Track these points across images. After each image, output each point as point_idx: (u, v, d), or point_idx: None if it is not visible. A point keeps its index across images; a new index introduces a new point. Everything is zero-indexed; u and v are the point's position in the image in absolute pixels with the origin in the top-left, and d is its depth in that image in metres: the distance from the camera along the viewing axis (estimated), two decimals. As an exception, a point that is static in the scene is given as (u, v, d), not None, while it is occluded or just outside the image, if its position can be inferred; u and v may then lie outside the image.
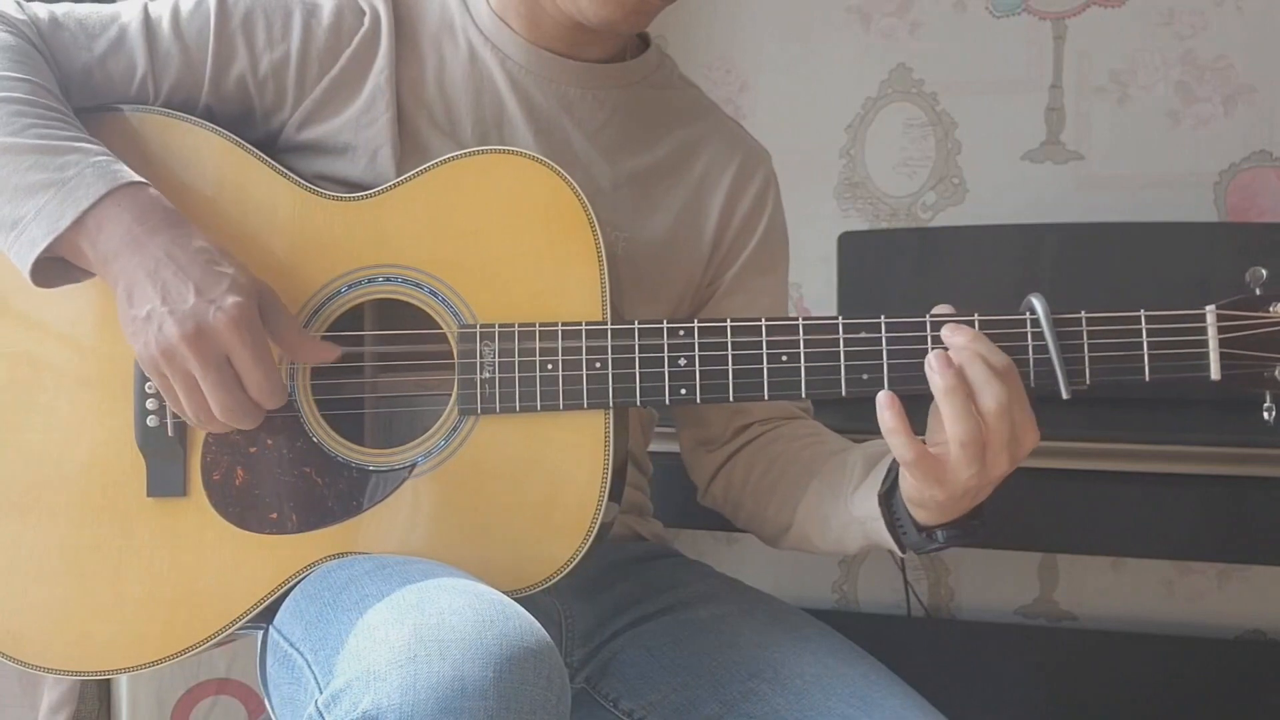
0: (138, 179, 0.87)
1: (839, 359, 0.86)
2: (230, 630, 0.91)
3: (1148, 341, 0.84)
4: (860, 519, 0.92)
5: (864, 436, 0.96)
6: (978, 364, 0.80)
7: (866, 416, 0.96)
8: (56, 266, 0.87)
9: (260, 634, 0.96)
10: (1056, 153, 1.89)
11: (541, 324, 0.89)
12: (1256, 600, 1.81)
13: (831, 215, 2.00)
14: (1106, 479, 1.32)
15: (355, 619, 0.76)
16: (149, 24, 0.96)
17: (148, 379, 0.90)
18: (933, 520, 0.87)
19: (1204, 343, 0.83)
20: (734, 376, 0.88)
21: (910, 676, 0.92)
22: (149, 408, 0.92)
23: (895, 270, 1.78)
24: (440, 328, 0.91)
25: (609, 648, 1.00)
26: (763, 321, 0.88)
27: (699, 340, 0.88)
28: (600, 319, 0.90)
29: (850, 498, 0.93)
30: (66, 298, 0.92)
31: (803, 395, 0.87)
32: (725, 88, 2.05)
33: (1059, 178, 1.89)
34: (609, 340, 0.88)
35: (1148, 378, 0.84)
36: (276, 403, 0.85)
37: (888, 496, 0.90)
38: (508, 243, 0.91)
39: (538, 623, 0.75)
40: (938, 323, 0.84)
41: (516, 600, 0.78)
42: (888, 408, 0.81)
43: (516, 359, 0.89)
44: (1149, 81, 1.84)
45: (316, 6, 0.99)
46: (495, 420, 0.90)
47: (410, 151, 0.98)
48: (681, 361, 0.88)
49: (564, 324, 0.89)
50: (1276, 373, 0.83)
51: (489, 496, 0.90)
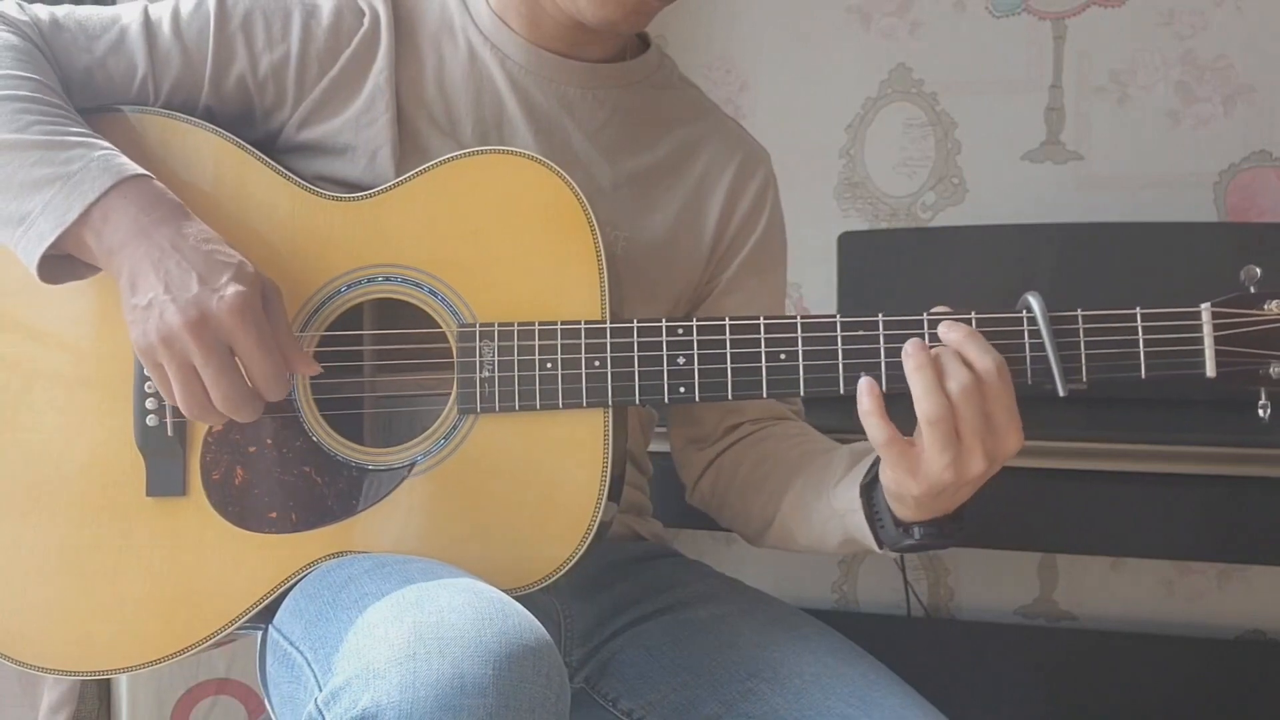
0: (142, 172, 0.87)
1: (837, 357, 0.86)
2: (230, 630, 0.91)
3: (1143, 339, 0.84)
4: (840, 511, 0.92)
5: (859, 437, 0.96)
6: (951, 352, 0.82)
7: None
8: (62, 262, 0.87)
9: (260, 633, 0.96)
10: (1056, 153, 1.89)
11: (541, 323, 0.89)
12: (1256, 600, 1.81)
13: (831, 215, 2.00)
14: (1106, 479, 1.32)
15: (354, 617, 0.76)
16: (149, 25, 0.96)
17: (148, 378, 0.90)
18: (912, 518, 0.87)
19: (1199, 340, 0.84)
20: (732, 375, 0.88)
21: (910, 676, 0.92)
22: (148, 407, 0.92)
23: (895, 270, 1.78)
24: (440, 327, 0.92)
25: (608, 647, 1.00)
26: (761, 320, 0.88)
27: (698, 339, 0.88)
28: (599, 318, 0.90)
29: (833, 490, 0.94)
30: (66, 298, 0.92)
31: (801, 393, 0.87)
32: (725, 88, 2.05)
33: (1059, 178, 1.89)
34: (608, 339, 0.89)
35: (1144, 375, 0.84)
36: (279, 394, 0.85)
37: (869, 489, 0.90)
38: (507, 242, 0.91)
39: (537, 621, 0.75)
40: (935, 321, 0.85)
41: (515, 599, 0.78)
42: (866, 393, 0.83)
43: (516, 358, 0.89)
44: (1149, 81, 1.84)
45: (316, 7, 0.99)
46: (494, 419, 0.90)
47: (410, 152, 0.98)
48: (680, 360, 0.88)
49: (563, 323, 0.89)
50: (1271, 370, 0.84)
51: (488, 495, 0.90)
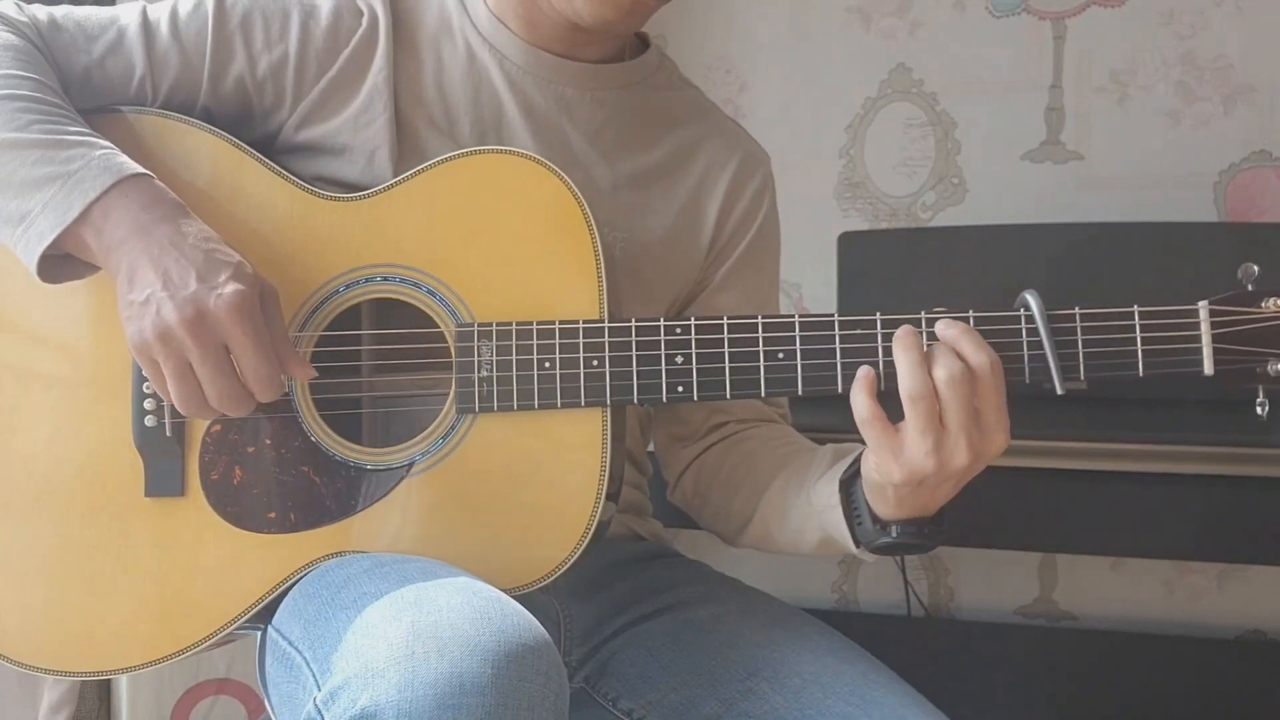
0: (142, 170, 0.87)
1: (835, 356, 0.86)
2: (229, 630, 0.91)
3: (1141, 337, 0.84)
4: (818, 508, 0.92)
5: (857, 437, 0.96)
6: (945, 346, 0.82)
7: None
8: (62, 261, 0.87)
9: (259, 633, 0.96)
10: (1056, 153, 1.89)
11: (539, 323, 0.89)
12: (1256, 600, 1.81)
13: (831, 215, 2.00)
14: (1106, 479, 1.32)
15: (353, 617, 0.76)
16: (147, 26, 0.96)
17: (146, 379, 0.90)
18: (891, 515, 0.87)
19: (1197, 338, 0.84)
20: (731, 374, 0.88)
21: (910, 676, 0.92)
22: (147, 408, 0.92)
23: (895, 270, 1.78)
24: (438, 327, 0.92)
25: (608, 647, 1.00)
26: (759, 319, 0.88)
27: (696, 338, 0.88)
28: (598, 318, 0.90)
29: (813, 487, 0.93)
30: (65, 299, 0.92)
31: (799, 392, 0.87)
32: (725, 88, 2.05)
33: (1059, 178, 1.89)
34: (606, 339, 0.89)
35: (1141, 373, 0.84)
36: (273, 394, 0.85)
37: (848, 484, 0.90)
38: (505, 242, 0.91)
39: (536, 620, 0.75)
40: (933, 320, 0.85)
41: (514, 598, 0.78)
42: (861, 376, 0.84)
43: (514, 358, 0.89)
44: (1149, 81, 1.84)
45: (314, 7, 0.99)
46: (493, 419, 0.90)
47: (408, 152, 0.98)
48: (678, 359, 0.88)
49: (561, 323, 0.89)
50: (1269, 368, 0.84)
51: (486, 495, 0.90)
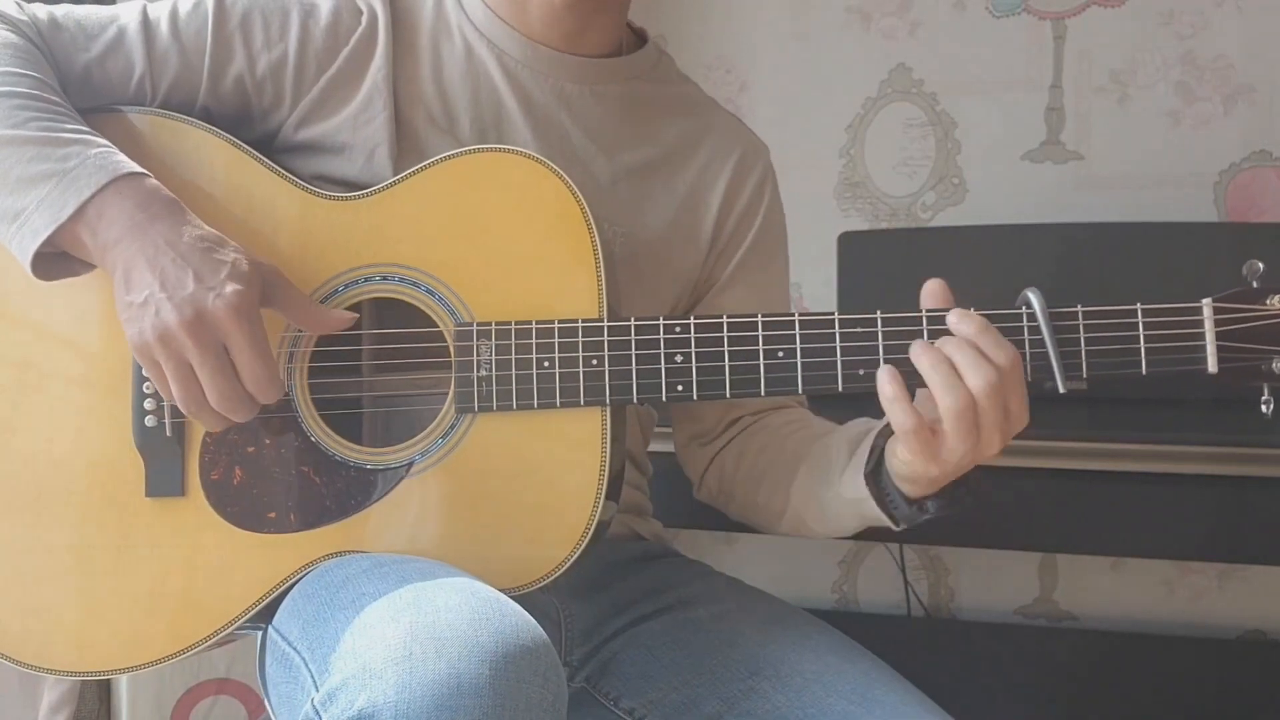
0: (138, 169, 0.87)
1: (835, 354, 0.86)
2: (229, 630, 0.91)
3: (1144, 335, 0.84)
4: (852, 500, 0.92)
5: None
6: (966, 349, 0.82)
7: (864, 413, 0.96)
8: (57, 259, 0.87)
9: (260, 634, 0.96)
10: (1056, 153, 1.89)
11: (538, 322, 0.89)
12: (1256, 600, 1.81)
13: (831, 215, 2.00)
14: (1106, 479, 1.32)
15: (351, 617, 0.76)
16: (147, 25, 0.96)
17: (146, 379, 0.90)
18: (920, 493, 0.88)
19: (1200, 336, 0.83)
20: (730, 373, 0.88)
21: (910, 676, 0.92)
22: (147, 408, 0.92)
23: (895, 270, 1.78)
24: (437, 326, 0.91)
25: (609, 647, 1.00)
26: (759, 317, 0.88)
27: (695, 336, 0.88)
28: (597, 316, 0.90)
29: (839, 482, 0.94)
30: (64, 298, 0.92)
31: (799, 391, 0.87)
32: (725, 88, 2.05)
33: (1059, 178, 1.89)
34: (605, 337, 0.89)
35: (1145, 371, 0.84)
36: (272, 396, 0.85)
37: (874, 475, 0.90)
38: (504, 241, 0.91)
39: (534, 621, 0.75)
40: (933, 318, 0.85)
41: (514, 598, 0.78)
42: (889, 380, 0.83)
43: (514, 357, 0.89)
44: (1149, 81, 1.84)
45: (314, 6, 0.99)
46: (493, 419, 0.90)
47: (408, 150, 0.98)
48: (678, 358, 0.88)
49: (560, 322, 0.89)
50: (1274, 365, 0.83)
51: (486, 495, 0.90)
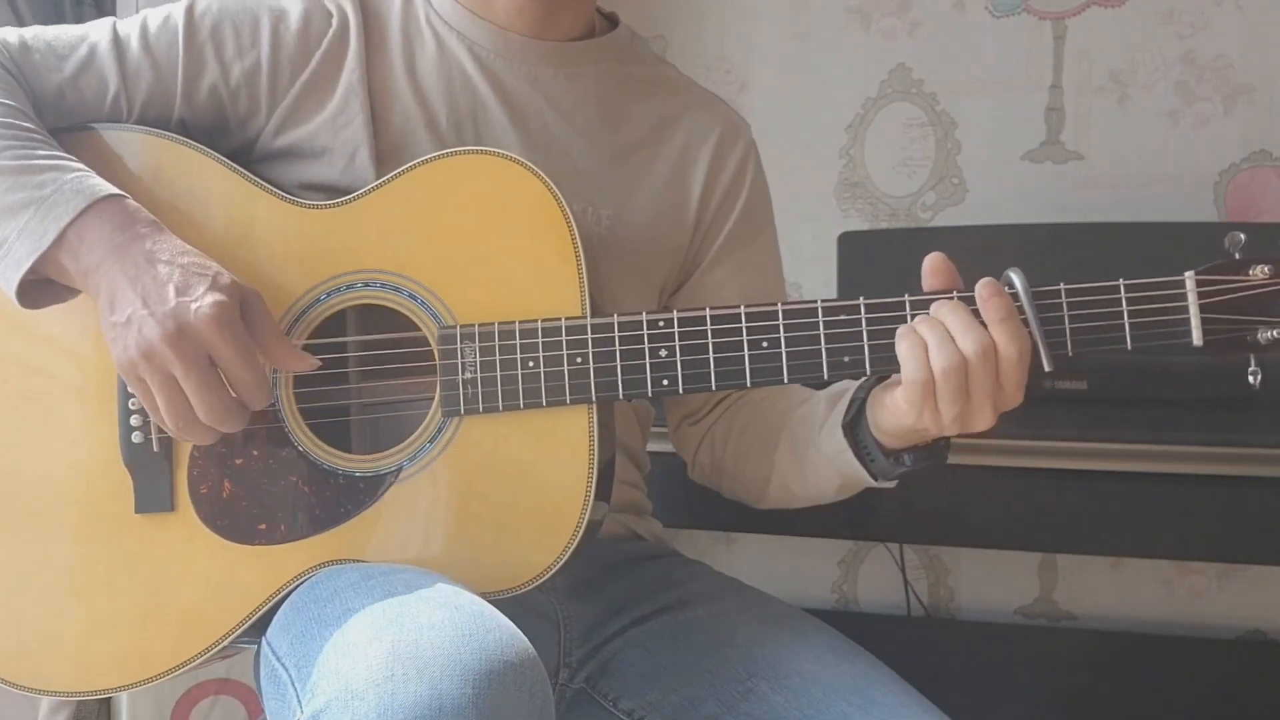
0: (115, 191, 0.87)
1: (820, 343, 0.86)
2: (225, 642, 0.91)
3: (1128, 310, 0.83)
4: (830, 455, 0.93)
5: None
6: (962, 311, 0.82)
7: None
8: (42, 286, 0.87)
9: (257, 646, 0.96)
10: (1056, 153, 1.89)
11: (521, 322, 0.89)
12: (1256, 600, 1.81)
13: (831, 215, 2.00)
14: (1106, 479, 1.32)
15: (335, 635, 0.75)
16: (118, 42, 0.96)
17: (131, 395, 0.90)
18: (900, 446, 0.89)
19: (1184, 309, 0.83)
20: (715, 365, 0.87)
21: (910, 676, 0.92)
22: (133, 424, 0.92)
23: (895, 270, 1.78)
24: (420, 331, 0.91)
25: (608, 648, 1.00)
26: (742, 309, 0.87)
27: (679, 330, 0.88)
28: (580, 314, 0.89)
29: (818, 437, 0.94)
30: (48, 319, 0.92)
31: (785, 380, 0.87)
32: (725, 88, 2.05)
33: (1059, 178, 1.89)
34: (589, 335, 0.88)
35: (1130, 346, 0.83)
36: (262, 401, 0.85)
37: (852, 426, 0.91)
38: (484, 242, 0.91)
39: (520, 634, 0.75)
40: (916, 302, 0.85)
41: (508, 600, 0.77)
42: (906, 334, 0.83)
43: (498, 358, 0.89)
44: (1149, 81, 1.84)
45: (284, 12, 0.99)
46: (479, 421, 0.90)
47: (388, 150, 0.98)
48: (662, 353, 0.88)
49: (543, 321, 0.89)
50: (1260, 336, 0.83)
51: (475, 498, 0.90)
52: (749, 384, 0.88)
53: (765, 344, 0.87)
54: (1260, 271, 0.83)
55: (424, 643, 0.70)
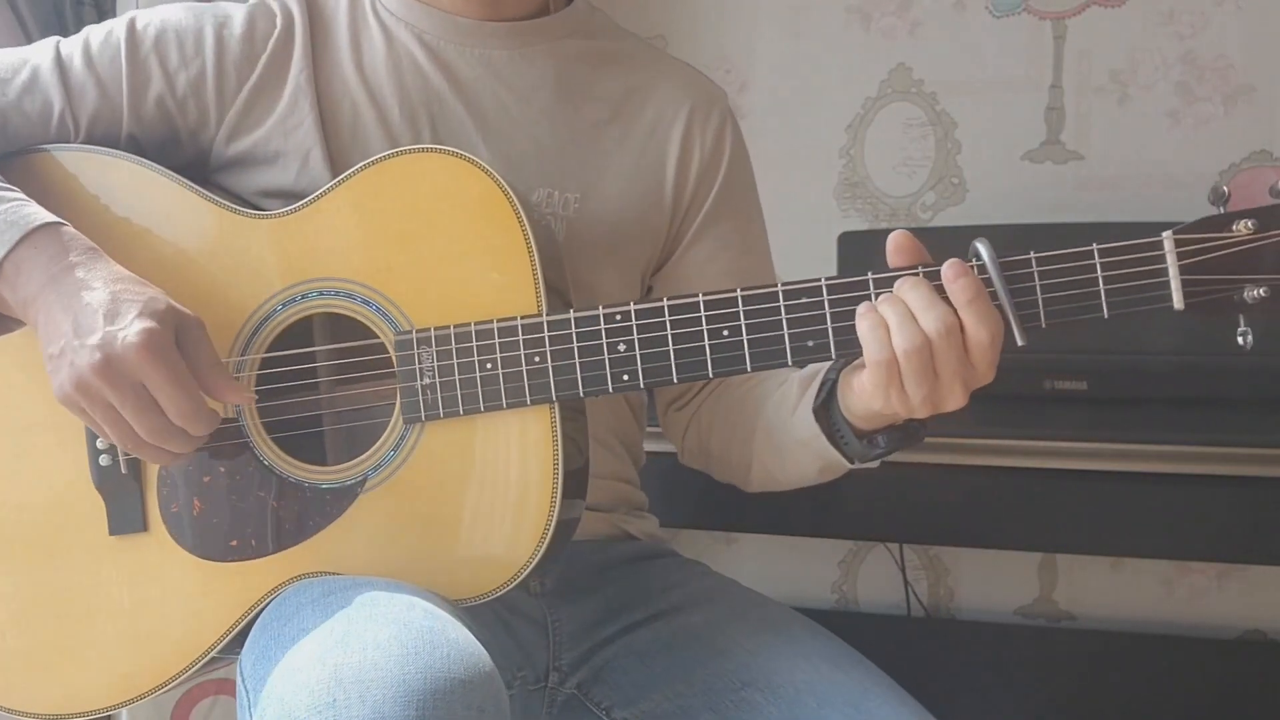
0: (51, 219, 0.86)
1: (782, 328, 0.84)
2: (205, 660, 0.91)
3: (1103, 276, 0.79)
4: (804, 440, 0.92)
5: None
6: (923, 288, 0.80)
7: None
8: None
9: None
10: (1056, 153, 1.89)
11: (477, 323, 0.88)
12: (1256, 600, 1.81)
13: (831, 215, 2.00)
14: (1106, 479, 1.32)
15: (286, 657, 0.75)
16: (60, 61, 0.95)
17: None
18: (872, 427, 0.87)
19: (1163, 272, 0.78)
20: (675, 357, 0.85)
21: (910, 676, 0.92)
22: (100, 447, 0.92)
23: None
24: (377, 338, 0.90)
25: (601, 654, 0.99)
26: (700, 297, 0.85)
27: (636, 324, 0.85)
28: (536, 312, 0.88)
29: (791, 421, 0.93)
30: (10, 346, 0.91)
31: (749, 369, 0.85)
32: (725, 88, 2.03)
33: (1059, 178, 1.89)
34: (545, 333, 0.87)
35: (1106, 314, 0.79)
36: (204, 427, 0.83)
37: (824, 409, 0.90)
38: (436, 243, 0.90)
39: (475, 645, 0.74)
40: (879, 280, 0.82)
41: (491, 604, 0.76)
42: (866, 313, 0.81)
43: (455, 361, 0.88)
44: (1149, 81, 1.84)
45: (228, 17, 0.98)
46: (442, 426, 0.89)
47: (341, 149, 0.96)
48: (621, 347, 0.86)
49: (499, 321, 0.87)
50: (1246, 295, 0.78)
51: (442, 504, 0.89)
52: (711, 375, 0.85)
53: (726, 332, 0.84)
54: (1244, 226, 0.77)
55: (368, 664, 0.70)
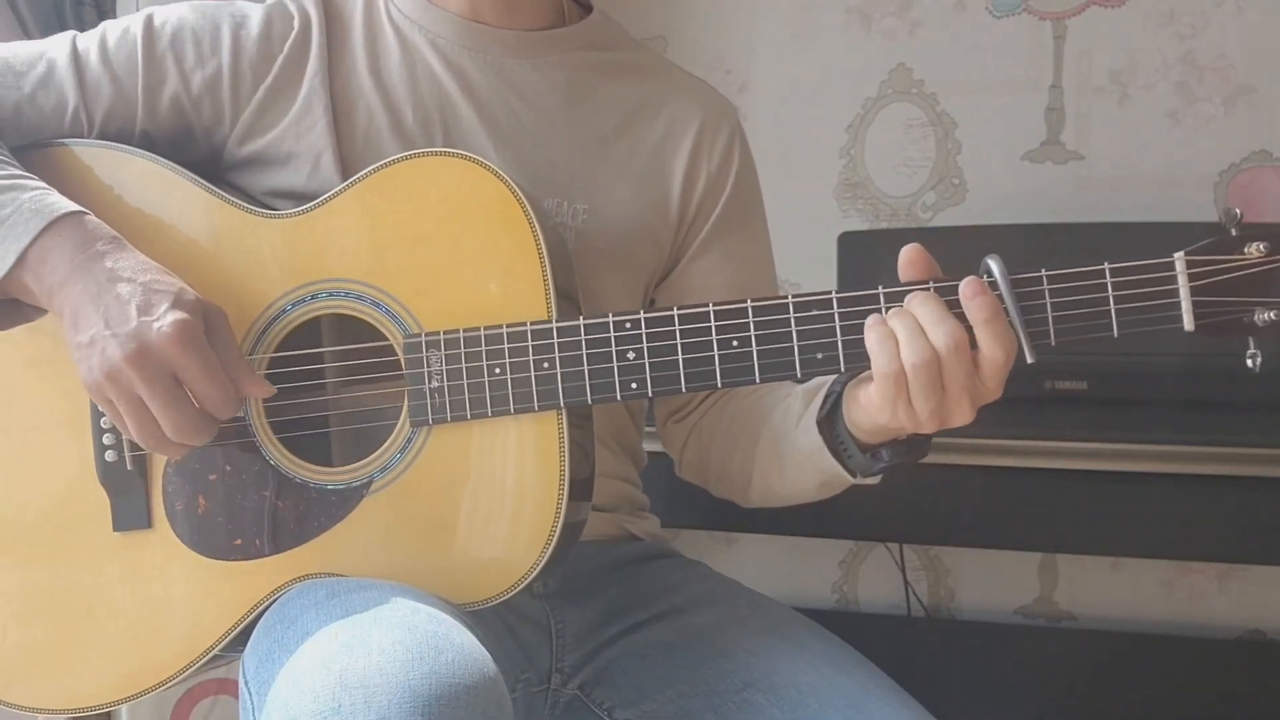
0: (75, 208, 0.86)
1: (792, 339, 0.83)
2: (207, 658, 0.91)
3: (1114, 295, 0.78)
4: (807, 453, 0.91)
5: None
6: (933, 304, 0.80)
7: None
8: (7, 307, 0.87)
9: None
10: (1056, 153, 1.89)
11: (486, 328, 0.87)
12: (1256, 600, 1.81)
13: (831, 215, 2.00)
14: (1106, 479, 1.32)
15: (290, 661, 0.74)
16: (77, 56, 0.95)
17: (103, 414, 0.89)
18: (876, 442, 0.87)
19: (1174, 293, 0.78)
20: (685, 366, 0.85)
21: (910, 677, 0.92)
22: (106, 443, 0.91)
23: (895, 271, 1.78)
24: (386, 339, 0.90)
25: (604, 655, 0.99)
26: (710, 307, 0.85)
27: (646, 332, 0.85)
28: (546, 318, 0.88)
29: (795, 434, 0.92)
30: (17, 341, 0.91)
31: (757, 380, 0.84)
32: (725, 88, 2.04)
33: (1059, 178, 1.89)
34: (555, 339, 0.86)
35: (1116, 333, 0.79)
36: (229, 412, 0.84)
37: (828, 421, 0.89)
38: (447, 247, 0.89)
39: (479, 650, 0.74)
40: (890, 295, 0.82)
41: (495, 607, 0.75)
42: (876, 325, 0.81)
43: (464, 365, 0.87)
44: (1149, 81, 1.84)
45: (245, 17, 0.98)
46: (449, 429, 0.89)
47: (353, 153, 0.96)
48: (630, 355, 0.85)
49: (508, 326, 0.87)
50: (1256, 317, 0.78)
51: (447, 507, 0.88)
52: (719, 385, 0.85)
53: (735, 343, 0.84)
54: (1256, 250, 0.77)
55: (373, 669, 0.69)
